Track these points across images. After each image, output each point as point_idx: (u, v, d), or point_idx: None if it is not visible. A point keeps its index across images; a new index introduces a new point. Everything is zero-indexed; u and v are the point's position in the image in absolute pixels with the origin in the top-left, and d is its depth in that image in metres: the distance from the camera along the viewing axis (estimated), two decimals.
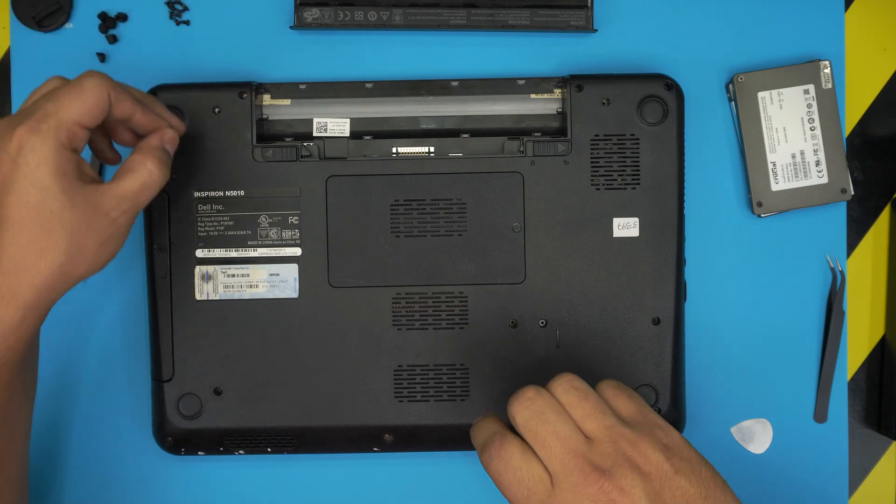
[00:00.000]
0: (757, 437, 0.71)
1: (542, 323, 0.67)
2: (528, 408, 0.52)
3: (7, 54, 0.71)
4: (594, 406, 0.53)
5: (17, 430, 0.59)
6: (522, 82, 0.69)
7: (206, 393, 0.67)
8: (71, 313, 0.71)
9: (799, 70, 0.69)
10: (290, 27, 0.69)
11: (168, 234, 0.67)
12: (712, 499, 0.51)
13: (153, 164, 0.58)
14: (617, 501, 0.49)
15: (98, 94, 0.56)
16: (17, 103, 0.71)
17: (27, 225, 0.53)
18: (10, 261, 0.53)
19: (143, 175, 0.57)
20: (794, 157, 0.69)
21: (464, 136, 0.68)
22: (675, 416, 0.68)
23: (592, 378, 0.67)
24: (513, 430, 0.53)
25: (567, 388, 0.53)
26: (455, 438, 0.68)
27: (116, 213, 0.56)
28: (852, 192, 0.70)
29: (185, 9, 0.71)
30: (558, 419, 0.52)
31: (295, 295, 0.67)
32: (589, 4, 0.69)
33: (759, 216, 0.70)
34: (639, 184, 0.67)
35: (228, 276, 0.68)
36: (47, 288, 0.54)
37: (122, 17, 0.71)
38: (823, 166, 0.69)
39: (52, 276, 0.54)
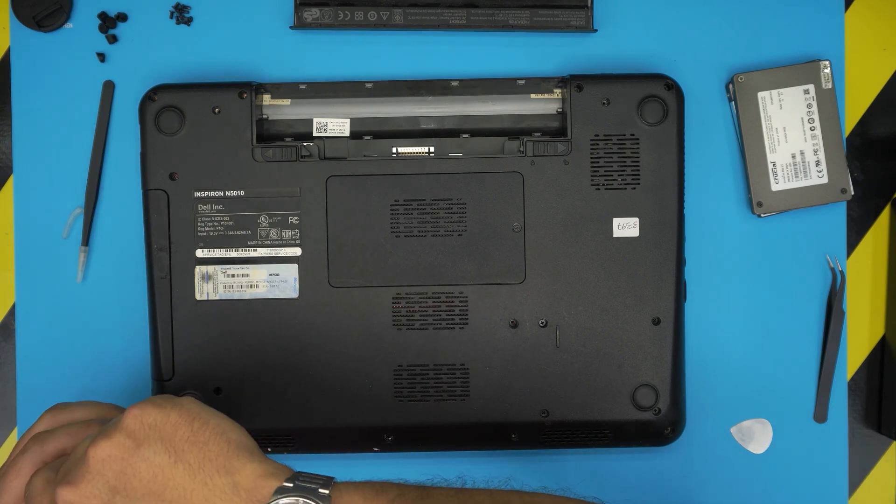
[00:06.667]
0: (757, 437, 0.71)
1: (542, 323, 0.67)
2: None
3: (7, 54, 0.71)
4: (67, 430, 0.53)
5: None
6: (522, 82, 0.69)
7: (207, 393, 0.67)
8: (71, 313, 0.70)
9: (799, 70, 0.69)
10: (290, 27, 0.69)
11: (168, 234, 0.67)
12: (186, 461, 0.49)
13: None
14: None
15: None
16: (17, 103, 0.71)
17: None
18: None
19: None
20: (794, 157, 0.69)
21: (464, 136, 0.68)
22: (675, 416, 0.68)
23: (592, 378, 0.67)
24: None
25: None
26: (455, 438, 0.68)
27: None
28: (852, 192, 0.70)
29: (187, 9, 0.71)
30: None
31: (295, 295, 0.67)
32: (589, 4, 0.69)
33: (759, 216, 0.70)
34: (639, 184, 0.67)
35: (228, 276, 0.67)
36: None
37: (122, 17, 0.71)
38: (823, 166, 0.69)
39: None
